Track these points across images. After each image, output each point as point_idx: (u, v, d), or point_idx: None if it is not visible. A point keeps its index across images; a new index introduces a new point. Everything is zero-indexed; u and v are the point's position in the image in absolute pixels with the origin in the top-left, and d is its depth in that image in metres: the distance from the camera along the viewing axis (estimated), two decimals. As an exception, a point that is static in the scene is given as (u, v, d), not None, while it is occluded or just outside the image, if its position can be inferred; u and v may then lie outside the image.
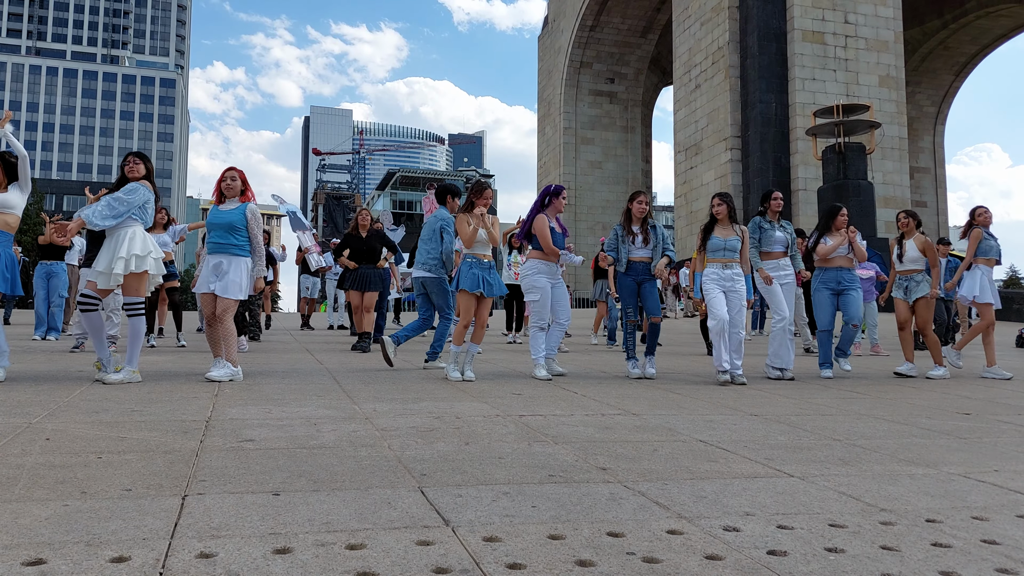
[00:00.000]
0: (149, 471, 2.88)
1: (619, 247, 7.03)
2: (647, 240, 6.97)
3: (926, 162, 63.15)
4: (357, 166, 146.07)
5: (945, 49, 62.23)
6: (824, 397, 5.88)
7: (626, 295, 7.05)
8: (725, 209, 6.87)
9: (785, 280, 7.37)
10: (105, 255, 5.71)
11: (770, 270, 7.33)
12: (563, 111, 68.67)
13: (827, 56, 44.23)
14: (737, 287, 6.70)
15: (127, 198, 5.77)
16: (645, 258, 6.98)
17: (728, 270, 6.72)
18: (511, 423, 4.21)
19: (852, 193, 34.21)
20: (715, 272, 6.71)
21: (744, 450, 3.61)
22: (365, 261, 9.74)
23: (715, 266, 6.73)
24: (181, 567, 1.89)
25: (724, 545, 2.17)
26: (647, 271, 6.96)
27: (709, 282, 6.72)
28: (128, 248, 5.67)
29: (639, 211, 7.05)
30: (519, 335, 12.65)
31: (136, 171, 5.91)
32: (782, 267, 7.41)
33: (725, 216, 6.87)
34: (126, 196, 5.78)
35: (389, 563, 1.96)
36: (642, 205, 7.06)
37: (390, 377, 6.49)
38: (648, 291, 6.97)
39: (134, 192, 5.82)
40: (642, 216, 7.06)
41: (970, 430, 4.40)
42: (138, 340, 5.78)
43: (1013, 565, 2.07)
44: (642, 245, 6.96)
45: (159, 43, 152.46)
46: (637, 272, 6.97)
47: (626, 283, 7.01)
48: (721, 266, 6.72)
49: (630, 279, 6.98)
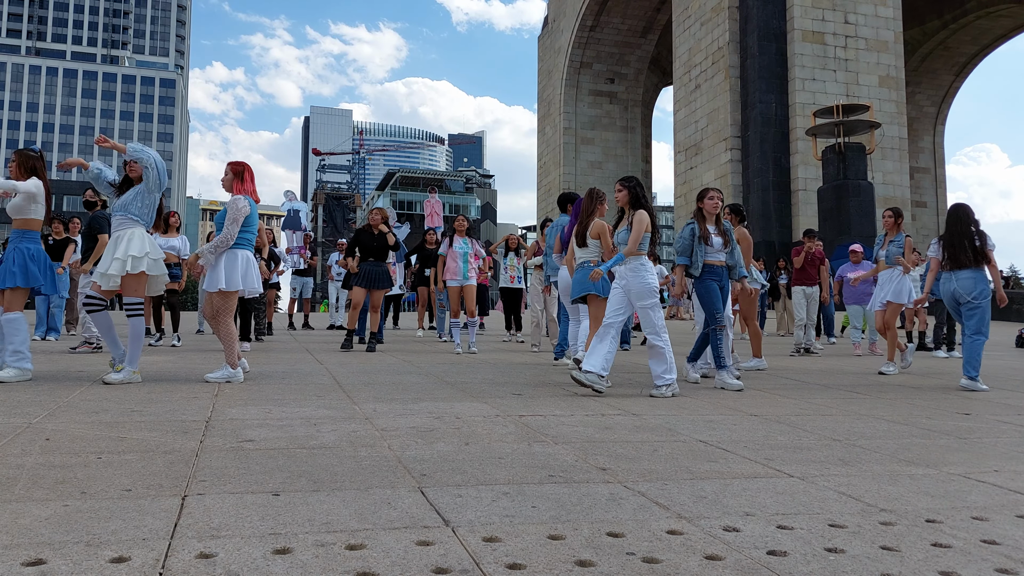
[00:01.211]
0: (149, 471, 2.88)
1: (694, 249, 6.42)
2: (727, 242, 6.51)
3: (926, 162, 63.18)
4: (357, 166, 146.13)
5: (945, 49, 62.26)
6: (824, 397, 5.88)
7: (712, 298, 6.34)
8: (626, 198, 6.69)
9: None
10: (106, 256, 5.74)
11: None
12: (563, 111, 68.70)
13: (827, 56, 44.24)
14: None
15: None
16: (722, 262, 6.48)
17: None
18: (511, 423, 4.21)
19: (852, 193, 34.24)
20: None
21: (744, 450, 3.61)
22: (375, 258, 9.73)
23: None
24: (181, 567, 1.89)
25: (724, 545, 2.17)
26: (726, 275, 6.48)
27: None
28: (125, 249, 5.68)
29: (712, 208, 6.52)
30: (519, 335, 12.67)
31: (136, 170, 5.92)
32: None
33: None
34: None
35: (389, 563, 1.96)
36: (714, 201, 6.52)
37: (390, 377, 6.49)
38: (725, 297, 6.47)
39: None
40: (715, 213, 6.55)
41: (970, 430, 4.40)
42: (138, 341, 5.76)
43: (1013, 565, 2.07)
44: (720, 247, 6.48)
45: (159, 43, 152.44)
46: (718, 276, 6.44)
47: (711, 287, 6.36)
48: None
49: (713, 283, 6.39)
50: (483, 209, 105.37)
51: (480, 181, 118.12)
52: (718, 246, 6.48)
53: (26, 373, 5.66)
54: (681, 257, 6.56)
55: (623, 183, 5.98)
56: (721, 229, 6.56)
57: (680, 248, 6.56)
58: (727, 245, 6.52)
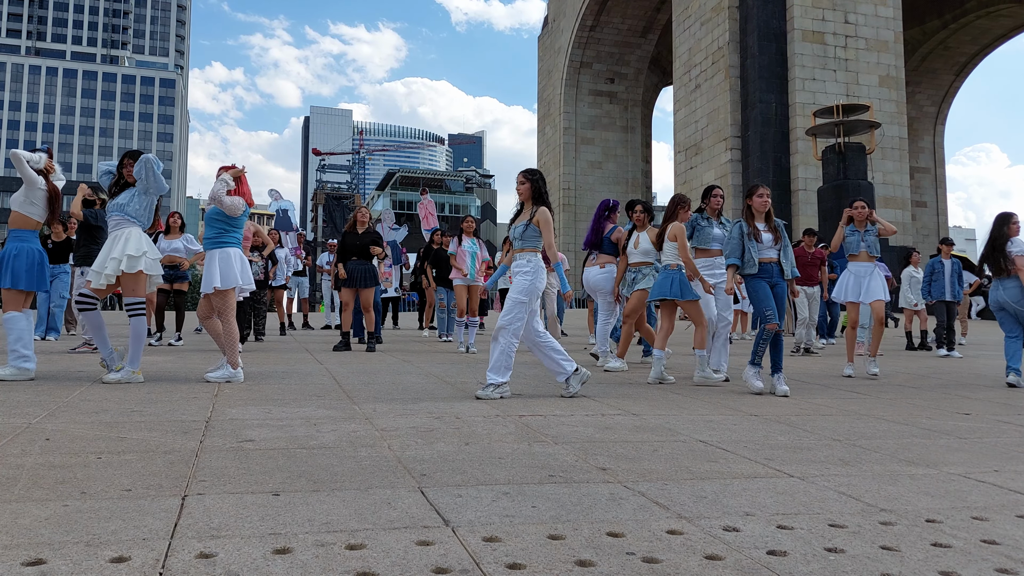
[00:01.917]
0: (149, 471, 2.88)
1: (745, 247, 6.25)
2: (777, 239, 6.33)
3: (926, 162, 63.17)
4: (357, 166, 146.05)
5: (945, 49, 62.26)
6: (824, 397, 5.88)
7: (762, 296, 6.16)
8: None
9: (717, 280, 7.12)
10: (101, 255, 5.73)
11: (705, 268, 7.10)
12: (563, 111, 68.69)
13: (827, 56, 44.23)
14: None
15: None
16: (774, 259, 6.28)
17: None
18: (511, 423, 4.21)
19: (852, 193, 34.17)
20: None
21: (744, 450, 3.61)
22: (361, 258, 9.69)
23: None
24: (181, 567, 1.89)
25: (724, 545, 2.17)
26: (780, 273, 6.30)
27: None
28: (122, 248, 5.68)
29: (761, 205, 6.37)
30: None
31: (132, 172, 5.92)
32: (717, 265, 7.18)
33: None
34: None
35: (389, 563, 1.96)
36: (763, 198, 6.36)
37: (390, 377, 6.49)
38: (780, 297, 6.25)
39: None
40: (764, 210, 6.38)
41: (970, 430, 4.40)
42: (140, 341, 5.74)
43: (1013, 565, 2.07)
44: (772, 244, 6.29)
45: (159, 43, 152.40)
46: (770, 274, 6.24)
47: (761, 285, 6.20)
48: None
49: (763, 281, 6.22)
50: (483, 209, 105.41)
51: (480, 181, 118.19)
52: (768, 243, 6.29)
53: (24, 372, 5.63)
54: (731, 258, 6.32)
55: (527, 175, 5.64)
56: (772, 226, 6.38)
57: (730, 249, 6.34)
58: (778, 242, 6.32)
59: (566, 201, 67.12)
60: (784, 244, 6.36)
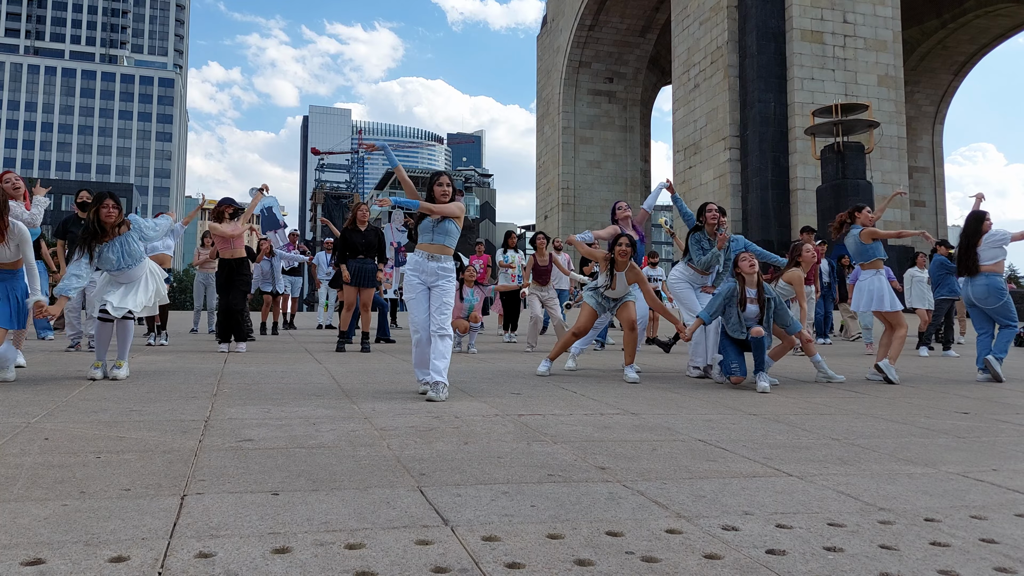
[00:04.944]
0: (148, 471, 2.88)
1: (727, 311, 6.38)
2: (762, 315, 6.36)
3: (924, 161, 63.22)
4: (356, 166, 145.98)
5: (944, 49, 62.30)
6: (823, 397, 5.88)
7: (731, 353, 6.33)
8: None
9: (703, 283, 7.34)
10: (123, 290, 5.93)
11: (702, 280, 7.32)
12: (562, 110, 68.70)
13: (826, 56, 44.25)
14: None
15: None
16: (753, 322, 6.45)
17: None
18: (510, 423, 4.21)
19: (851, 193, 34.23)
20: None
21: (743, 449, 3.61)
22: (365, 255, 9.62)
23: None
24: (180, 567, 1.89)
25: (723, 544, 2.18)
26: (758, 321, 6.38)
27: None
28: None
29: (749, 269, 6.31)
30: (515, 335, 12.67)
31: (114, 216, 5.86)
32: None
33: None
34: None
35: (388, 563, 1.96)
36: (748, 263, 6.29)
37: (389, 377, 6.49)
38: (757, 341, 6.29)
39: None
40: (753, 274, 6.39)
41: (969, 429, 4.40)
42: (128, 336, 6.17)
43: (1011, 564, 2.08)
44: (754, 316, 6.36)
45: (157, 43, 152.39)
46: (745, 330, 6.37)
47: (730, 343, 6.38)
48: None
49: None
50: (482, 208, 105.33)
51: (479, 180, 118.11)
52: (752, 316, 6.22)
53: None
54: (704, 313, 6.31)
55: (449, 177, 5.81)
56: (761, 297, 6.21)
57: (712, 307, 6.29)
58: (762, 317, 6.19)
59: (565, 200, 67.14)
60: (768, 316, 6.24)
